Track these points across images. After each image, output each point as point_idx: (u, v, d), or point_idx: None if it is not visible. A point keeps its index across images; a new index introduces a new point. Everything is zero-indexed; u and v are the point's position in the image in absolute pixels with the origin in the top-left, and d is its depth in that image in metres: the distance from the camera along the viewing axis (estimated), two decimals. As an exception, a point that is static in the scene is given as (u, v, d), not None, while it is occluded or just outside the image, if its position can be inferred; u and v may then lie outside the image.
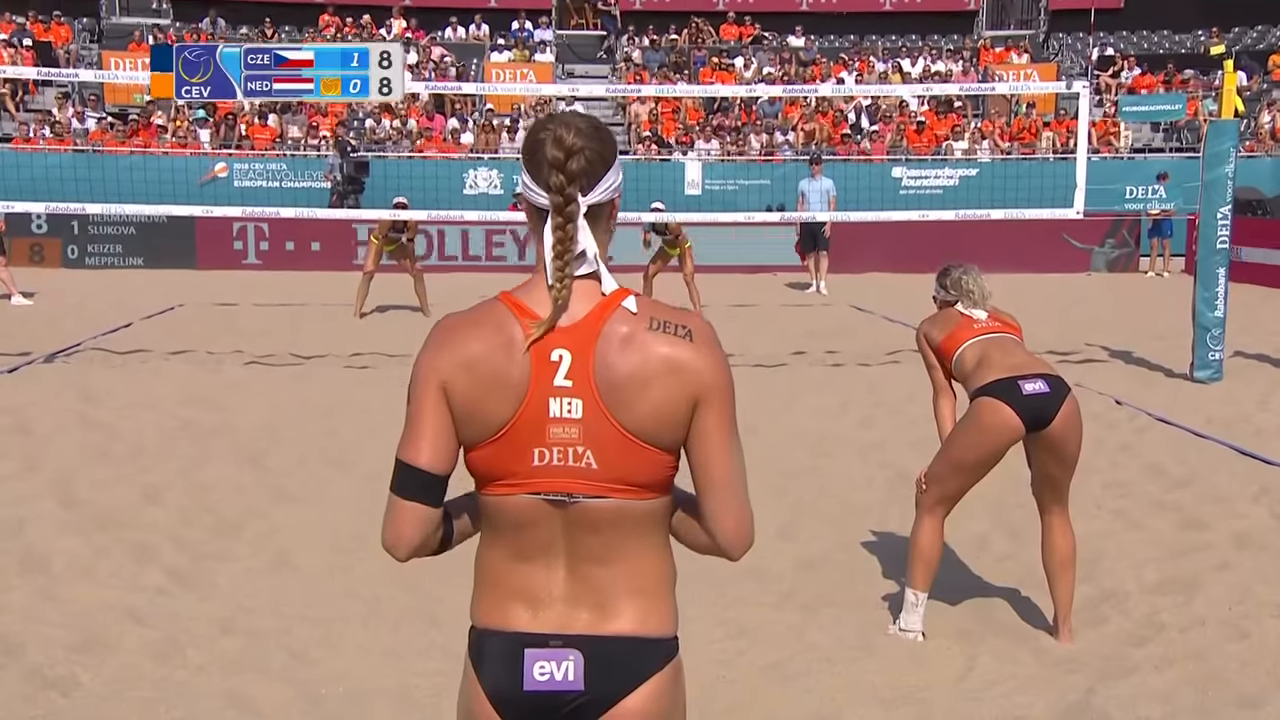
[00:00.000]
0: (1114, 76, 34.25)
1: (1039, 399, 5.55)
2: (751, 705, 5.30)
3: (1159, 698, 5.35)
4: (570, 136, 2.40)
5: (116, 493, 8.64)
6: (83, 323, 17.35)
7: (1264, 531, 7.74)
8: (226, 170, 26.19)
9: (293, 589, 6.89)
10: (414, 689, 5.55)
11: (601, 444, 2.37)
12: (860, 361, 14.39)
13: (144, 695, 5.36)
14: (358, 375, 13.71)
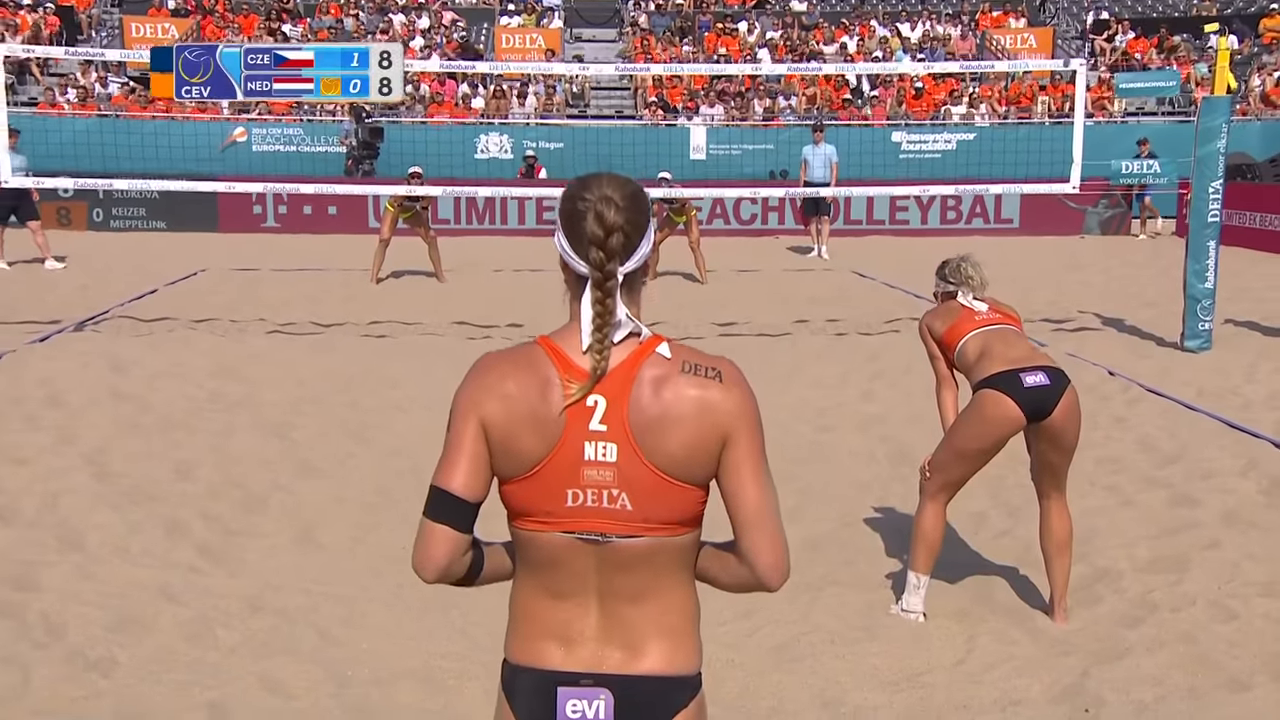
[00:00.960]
0: (1108, 40, 34.07)
1: (1040, 391, 5.57)
2: (760, 689, 5.31)
3: (1151, 681, 5.35)
4: (610, 214, 2.42)
5: (148, 466, 8.63)
6: (110, 289, 17.28)
7: (1252, 508, 7.67)
8: (245, 135, 26.17)
9: (317, 566, 6.92)
10: (436, 670, 5.55)
11: (635, 485, 2.39)
12: (861, 330, 14.26)
13: (179, 678, 5.39)
14: (376, 344, 13.62)
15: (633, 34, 34.98)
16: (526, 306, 15.44)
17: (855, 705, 5.19)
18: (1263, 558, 6.79)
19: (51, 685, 5.30)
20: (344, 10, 34.60)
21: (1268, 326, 13.90)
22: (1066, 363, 11.46)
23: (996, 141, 26.80)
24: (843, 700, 5.23)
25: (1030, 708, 5.13)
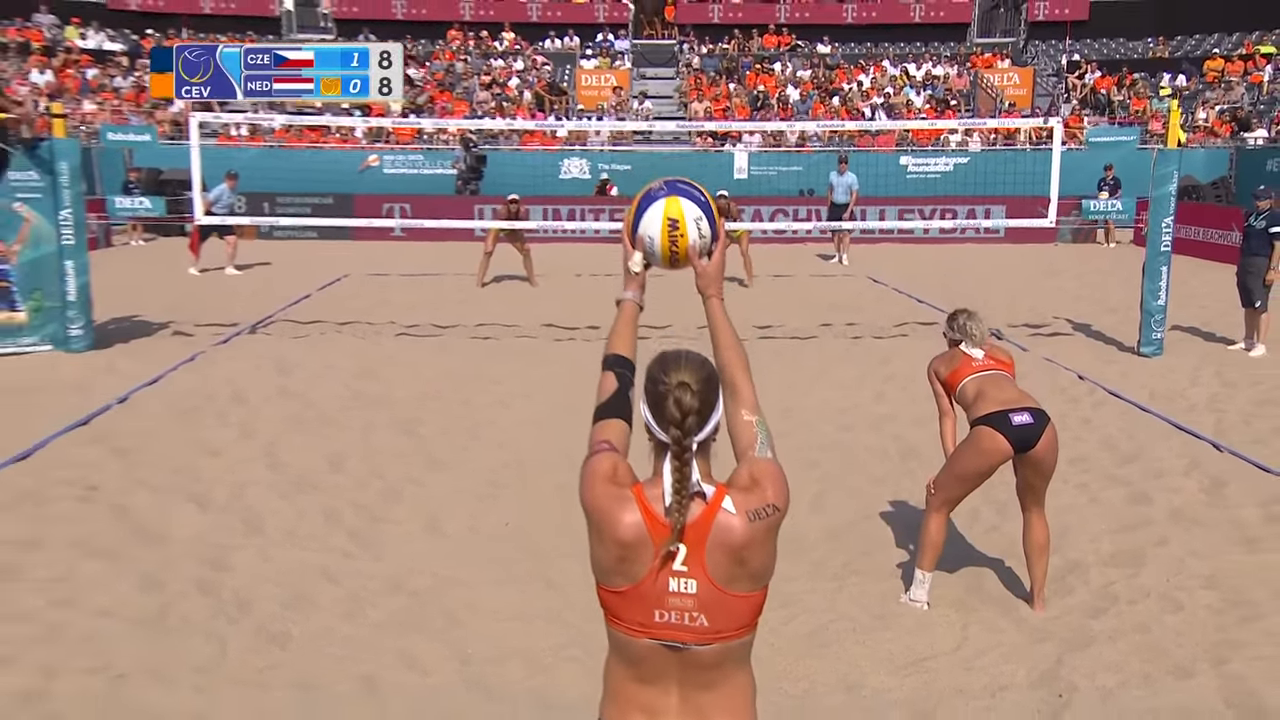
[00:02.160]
0: (1079, 78, 33.52)
1: (1025, 429, 5.57)
2: (795, 671, 5.25)
3: (1112, 668, 5.29)
4: (687, 399, 2.46)
5: (309, 459, 8.58)
6: (274, 293, 17.04)
7: (1195, 506, 7.54)
8: (379, 161, 26.29)
9: (442, 552, 6.82)
10: (538, 652, 5.46)
11: (712, 608, 2.44)
12: (874, 334, 13.90)
13: (337, 652, 5.42)
14: (483, 346, 13.20)
15: (687, 73, 34.79)
16: (601, 310, 14.51)
17: (873, 688, 5.12)
18: (1205, 554, 6.70)
19: (242, 656, 5.37)
20: (455, 55, 34.69)
21: (1208, 333, 13.67)
22: (1045, 367, 11.65)
23: (986, 164, 26.48)
24: (862, 684, 5.17)
25: (1014, 693, 5.08)
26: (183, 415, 9.67)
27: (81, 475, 7.92)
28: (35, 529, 6.88)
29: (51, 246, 11.55)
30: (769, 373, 11.30)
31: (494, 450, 8.86)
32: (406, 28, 36.16)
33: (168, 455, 8.46)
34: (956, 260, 20.75)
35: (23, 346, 11.60)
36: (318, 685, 5.06)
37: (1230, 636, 5.61)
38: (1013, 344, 12.84)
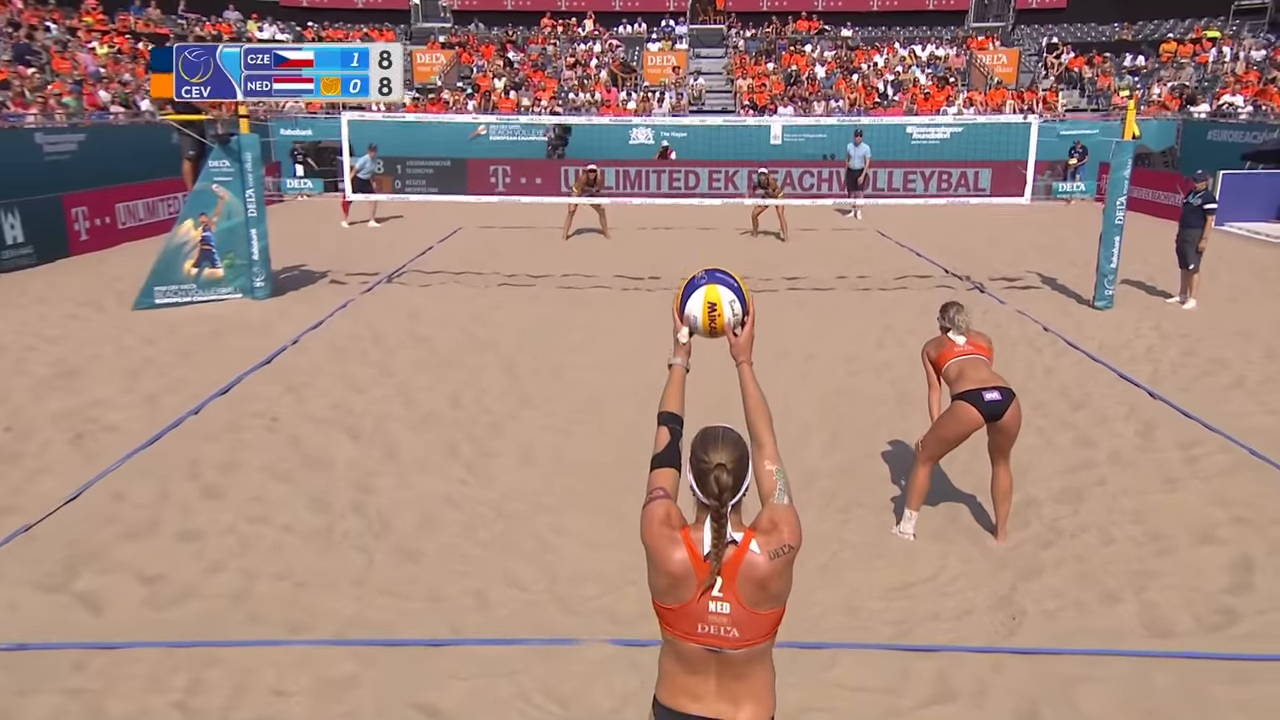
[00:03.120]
0: (1056, 58, 32.17)
1: (995, 404, 5.56)
2: (809, 599, 5.12)
3: (1054, 594, 5.26)
4: (724, 477, 2.50)
5: (433, 397, 8.40)
6: (406, 244, 16.62)
7: (1131, 450, 7.30)
8: (485, 130, 26.07)
9: (534, 480, 6.70)
10: (608, 574, 5.39)
11: (742, 623, 2.54)
12: (880, 286, 13.40)
13: (457, 568, 5.47)
14: (566, 295, 12.75)
15: (733, 54, 33.96)
16: (661, 262, 14.89)
17: (869, 610, 5.07)
18: (1134, 492, 6.56)
19: (385, 570, 5.43)
20: (547, 39, 34.13)
21: (1151, 286, 13.17)
22: (1017, 320, 11.36)
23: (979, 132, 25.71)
24: (861, 607, 5.11)
25: (977, 615, 5.04)
26: (338, 354, 9.63)
27: (266, 408, 7.97)
28: (234, 455, 6.98)
29: (240, 218, 11.61)
30: (796, 320, 11.26)
31: (573, 390, 8.65)
32: (510, 16, 35.55)
33: (328, 391, 8.46)
34: (950, 215, 20.11)
35: (221, 295, 11.73)
36: (443, 597, 5.14)
37: (1148, 567, 5.57)
38: (992, 297, 12.60)
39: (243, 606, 5.01)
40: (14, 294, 12.05)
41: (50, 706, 4.22)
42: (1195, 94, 27.05)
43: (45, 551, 5.54)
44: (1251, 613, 5.09)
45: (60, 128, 17.23)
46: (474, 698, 4.26)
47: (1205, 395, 8.52)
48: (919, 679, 4.49)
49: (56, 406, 7.94)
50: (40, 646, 4.67)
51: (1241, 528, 6.02)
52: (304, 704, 4.23)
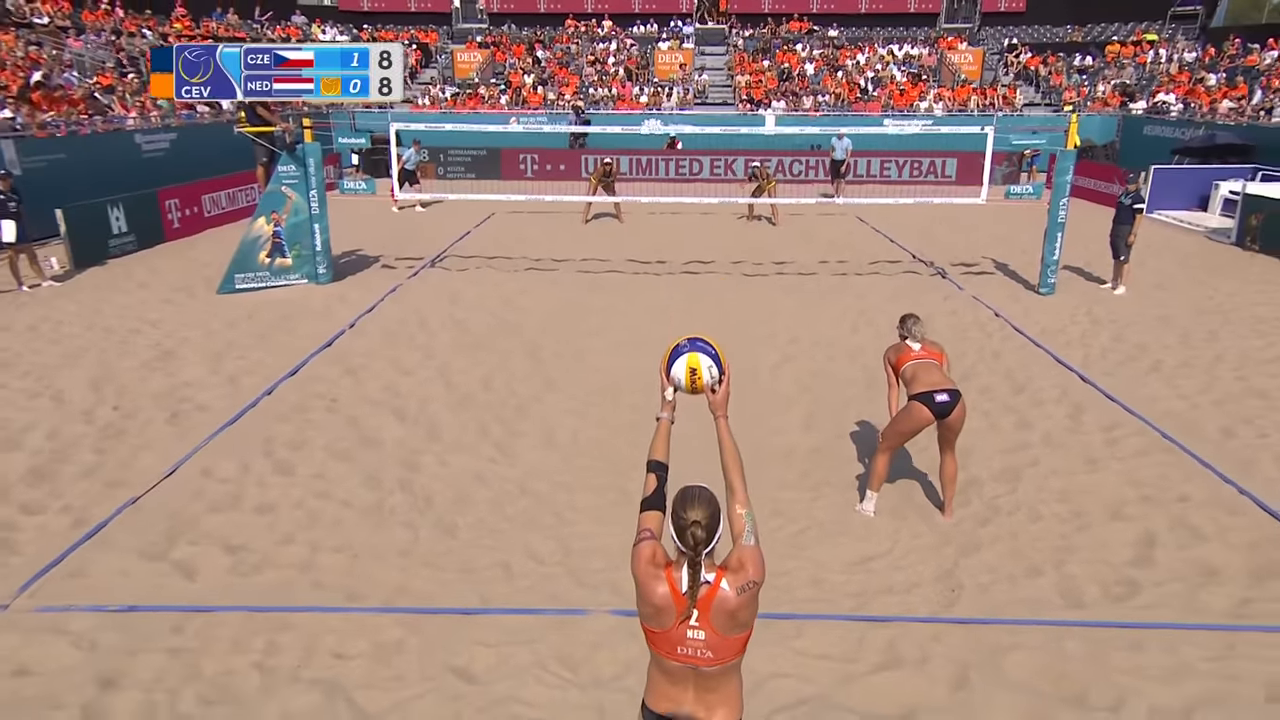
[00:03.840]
0: (1016, 57, 31.48)
1: (944, 404, 5.56)
2: (782, 570, 5.14)
3: (988, 569, 5.24)
4: (700, 532, 2.58)
5: (468, 379, 8.23)
6: (446, 229, 16.12)
7: (1062, 432, 7.17)
8: (518, 122, 25.82)
9: (554, 461, 6.59)
10: (613, 550, 5.30)
11: (715, 647, 2.63)
12: (856, 271, 12.97)
13: (486, 542, 5.45)
14: (583, 279, 12.31)
15: (733, 52, 33.34)
16: (668, 246, 14.65)
17: (831, 583, 5.05)
18: (1062, 472, 6.48)
19: (427, 543, 5.43)
20: (570, 39, 33.54)
21: (1088, 272, 12.87)
22: (972, 305, 11.17)
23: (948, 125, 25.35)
24: (825, 580, 5.10)
25: (923, 589, 5.04)
26: (389, 338, 9.51)
27: (328, 390, 7.92)
28: (301, 434, 6.97)
29: (305, 215, 11.52)
30: (783, 305, 11.02)
31: (591, 373, 8.45)
32: (539, 18, 34.88)
33: (380, 373, 8.37)
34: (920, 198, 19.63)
35: (290, 281, 11.69)
36: (474, 569, 5.18)
37: (1069, 543, 5.56)
38: (952, 283, 12.39)
39: (309, 575, 5.12)
40: (121, 278, 12.10)
41: (155, 665, 4.36)
42: (1134, 92, 26.47)
43: (149, 523, 5.66)
44: (1150, 584, 5.12)
45: (155, 128, 17.13)
46: (500, 664, 4.36)
47: (1128, 379, 8.40)
48: (872, 647, 4.53)
49: (156, 386, 7.99)
50: (146, 609, 4.80)
51: (1148, 506, 6.00)
52: (361, 666, 4.35)
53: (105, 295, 11.15)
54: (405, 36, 32.52)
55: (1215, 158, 18.71)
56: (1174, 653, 4.53)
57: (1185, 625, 4.74)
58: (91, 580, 5.04)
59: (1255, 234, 14.25)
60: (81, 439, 6.86)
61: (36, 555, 5.30)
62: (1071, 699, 4.22)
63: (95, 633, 4.59)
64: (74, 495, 6.01)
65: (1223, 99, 22.55)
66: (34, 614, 4.74)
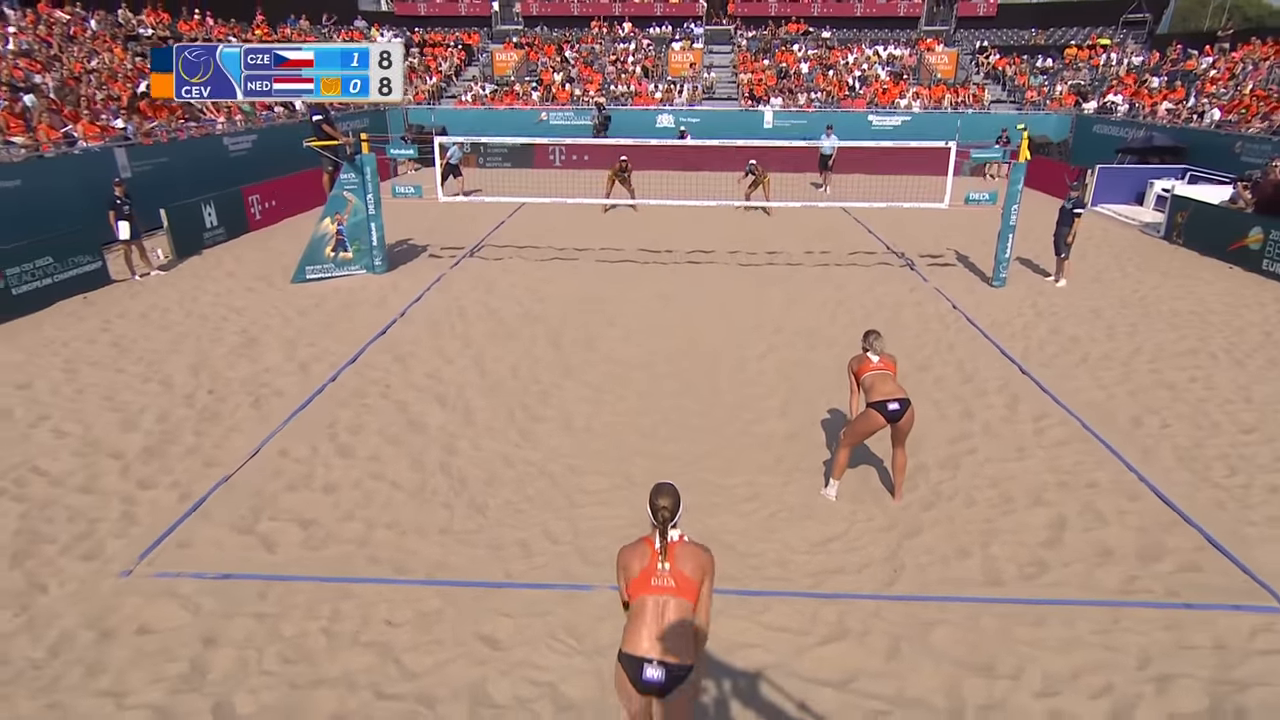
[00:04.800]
0: (986, 58, 30.53)
1: (895, 412, 5.57)
2: (751, 550, 5.23)
3: (926, 550, 5.27)
4: (666, 513, 3.19)
5: (499, 366, 8.10)
6: (486, 218, 15.65)
7: (999, 421, 7.06)
8: (547, 117, 25.48)
9: (569, 445, 6.57)
10: (615, 529, 5.31)
11: (677, 578, 3.10)
12: (837, 262, 12.55)
13: (508, 521, 5.47)
14: (602, 269, 11.96)
15: (737, 51, 32.53)
16: (674, 235, 14.42)
17: (795, 564, 5.10)
18: (995, 460, 6.41)
19: (462, 521, 5.49)
20: (595, 39, 32.83)
21: (1036, 265, 12.62)
22: (934, 296, 10.93)
23: (924, 121, 24.80)
24: (789, 560, 5.14)
25: (872, 569, 5.09)
26: (432, 327, 9.39)
27: (381, 376, 7.91)
28: (359, 419, 7.02)
29: (363, 215, 11.50)
30: (771, 296, 10.78)
31: (604, 362, 8.30)
32: (568, 20, 34.15)
33: (425, 360, 8.32)
34: (896, 191, 18.76)
35: (351, 272, 11.68)
36: (500, 545, 5.29)
37: (995, 526, 5.56)
38: (918, 274, 12.16)
39: (365, 550, 5.29)
40: (213, 266, 12.24)
41: (245, 628, 4.61)
42: (1087, 92, 25.69)
43: (239, 499, 5.84)
44: (1058, 564, 5.19)
45: (240, 131, 17.10)
46: (518, 632, 4.58)
47: (1059, 371, 8.29)
48: (824, 621, 4.67)
49: (243, 372, 8.10)
50: (238, 576, 5.02)
51: (1063, 491, 6.01)
52: (408, 634, 4.58)
53: (200, 283, 11.30)
54: (451, 38, 31.99)
55: (1153, 157, 18.26)
56: (1070, 626, 4.67)
57: (1080, 601, 4.85)
58: (195, 551, 5.28)
59: (1180, 230, 14.02)
60: (184, 421, 7.05)
61: (152, 526, 5.53)
62: (981, 667, 4.38)
63: (199, 596, 4.84)
64: (180, 472, 6.21)
65: (1163, 101, 21.86)
66: (152, 579, 4.99)
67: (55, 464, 6.27)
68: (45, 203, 11.81)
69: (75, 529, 5.43)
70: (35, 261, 9.99)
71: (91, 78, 16.24)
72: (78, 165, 12.70)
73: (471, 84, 28.34)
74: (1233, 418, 7.29)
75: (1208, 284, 11.68)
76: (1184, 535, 5.49)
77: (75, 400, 7.41)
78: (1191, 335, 9.44)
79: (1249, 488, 6.10)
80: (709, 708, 4.03)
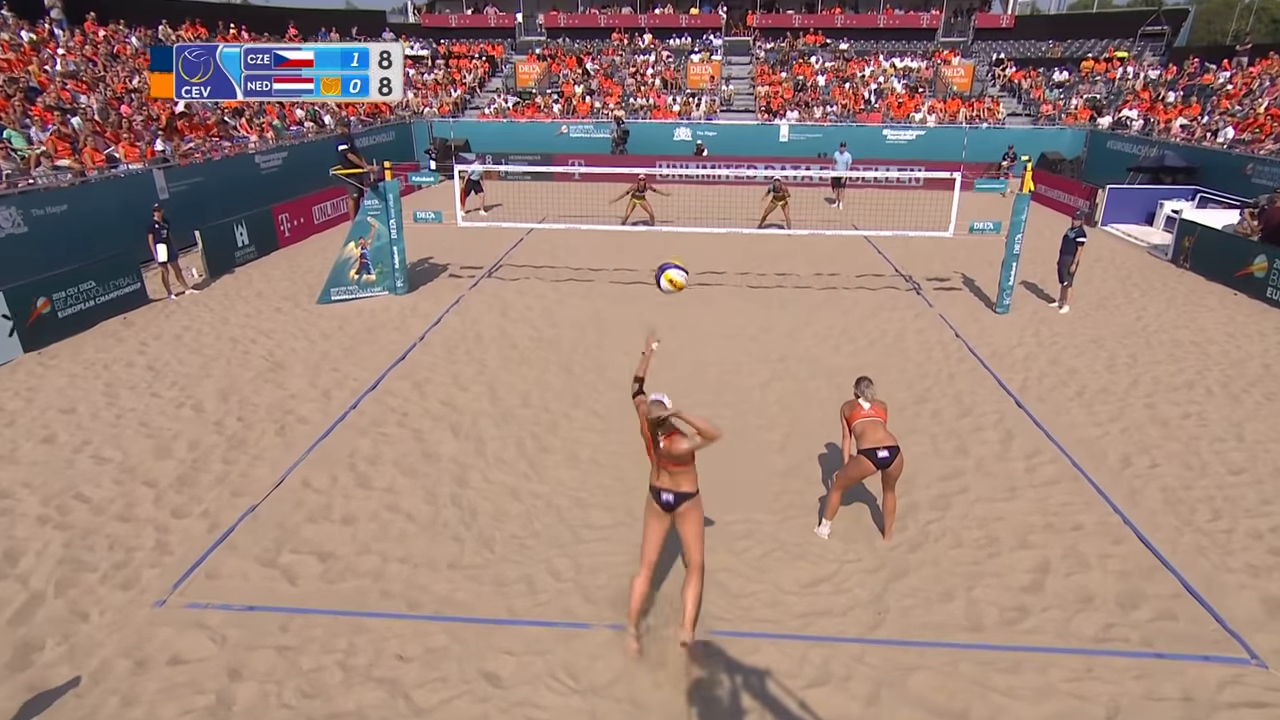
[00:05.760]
0: (1002, 70, 30.32)
1: (885, 459, 5.66)
2: (744, 591, 5.32)
3: (911, 593, 5.33)
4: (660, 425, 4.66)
5: (511, 395, 8.17)
6: (502, 236, 15.38)
7: (993, 459, 7.04)
8: (567, 129, 25.69)
9: (574, 478, 6.66)
10: (614, 565, 5.42)
11: (670, 442, 4.54)
12: (844, 285, 12.50)
13: (514, 558, 5.63)
14: (613, 290, 11.91)
15: (756, 63, 32.55)
16: (687, 253, 13.94)
17: (785, 605, 5.20)
18: (985, 499, 6.42)
19: (470, 556, 5.64)
20: (615, 51, 32.99)
21: (1041, 289, 12.56)
22: (938, 325, 10.86)
23: (939, 136, 24.71)
24: (780, 601, 5.23)
25: (858, 610, 5.17)
26: (449, 352, 9.47)
27: (399, 404, 8.04)
28: (377, 448, 7.17)
29: (386, 240, 11.72)
30: (778, 321, 10.71)
31: (612, 390, 8.33)
32: (590, 32, 34.34)
33: (440, 387, 8.41)
34: (906, 208, 18.40)
35: (374, 293, 11.89)
36: (505, 581, 5.44)
37: (980, 568, 5.62)
38: (924, 299, 12.06)
39: (379, 584, 5.48)
40: (243, 286, 12.56)
41: (267, 661, 4.85)
42: (1102, 106, 25.46)
43: (264, 530, 6.07)
44: (1038, 610, 5.26)
45: (271, 149, 17.49)
46: (520, 670, 4.78)
47: (1055, 405, 8.27)
48: (810, 664, 4.79)
49: (269, 398, 8.32)
50: (262, 609, 5.25)
51: (1049, 534, 6.05)
52: (417, 670, 4.81)
53: (231, 304, 11.65)
54: (476, 49, 32.31)
55: (1165, 177, 18.12)
56: (1043, 674, 4.78)
57: (1055, 649, 4.95)
58: (222, 582, 5.54)
59: (1187, 254, 13.96)
60: (214, 449, 7.32)
61: (183, 556, 5.80)
62: (956, 715, 4.52)
63: (225, 628, 5.10)
64: (209, 500, 6.47)
65: (1178, 117, 21.64)
66: (183, 610, 5.25)
67: (97, 491, 6.59)
68: (89, 226, 12.25)
69: (114, 558, 5.73)
70: (80, 285, 10.40)
71: (132, 98, 16.70)
72: (119, 188, 13.13)
73: (495, 96, 28.66)
74: (1222, 457, 7.32)
75: (1210, 311, 11.65)
76: (1163, 582, 5.57)
77: (115, 425, 7.74)
78: (1189, 368, 9.44)
79: (1231, 533, 6.16)
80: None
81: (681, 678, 4.66)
